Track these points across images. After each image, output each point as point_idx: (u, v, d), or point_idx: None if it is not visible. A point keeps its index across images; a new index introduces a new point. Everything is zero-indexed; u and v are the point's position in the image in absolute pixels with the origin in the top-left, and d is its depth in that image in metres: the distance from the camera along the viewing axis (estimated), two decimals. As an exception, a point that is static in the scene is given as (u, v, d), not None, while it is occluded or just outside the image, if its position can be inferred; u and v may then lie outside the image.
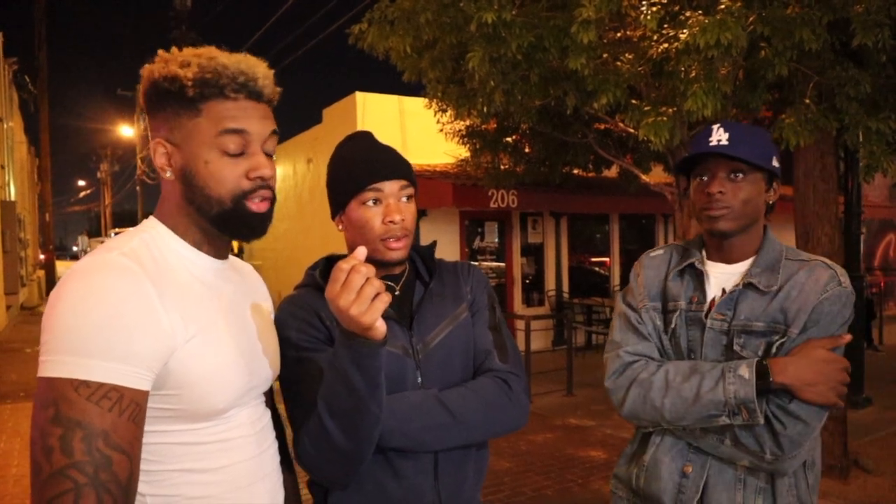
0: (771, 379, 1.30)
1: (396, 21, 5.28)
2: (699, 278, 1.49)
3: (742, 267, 1.46)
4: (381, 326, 1.01)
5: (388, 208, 1.27)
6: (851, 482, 4.23)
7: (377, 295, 0.98)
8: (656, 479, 1.45)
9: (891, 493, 4.08)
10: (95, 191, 45.22)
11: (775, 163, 1.45)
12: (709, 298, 1.47)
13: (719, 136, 1.41)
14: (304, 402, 1.19)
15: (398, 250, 1.29)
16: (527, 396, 1.34)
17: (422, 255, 1.42)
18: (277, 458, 1.18)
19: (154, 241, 1.03)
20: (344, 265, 0.99)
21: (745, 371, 1.32)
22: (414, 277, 1.39)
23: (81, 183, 49.80)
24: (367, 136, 1.37)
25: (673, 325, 1.48)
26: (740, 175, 1.41)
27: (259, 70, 1.03)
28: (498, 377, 1.31)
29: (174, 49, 1.04)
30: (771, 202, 1.47)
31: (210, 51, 1.03)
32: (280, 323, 1.27)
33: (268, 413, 1.19)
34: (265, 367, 1.14)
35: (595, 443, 5.20)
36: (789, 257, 1.45)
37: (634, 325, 1.51)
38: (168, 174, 1.03)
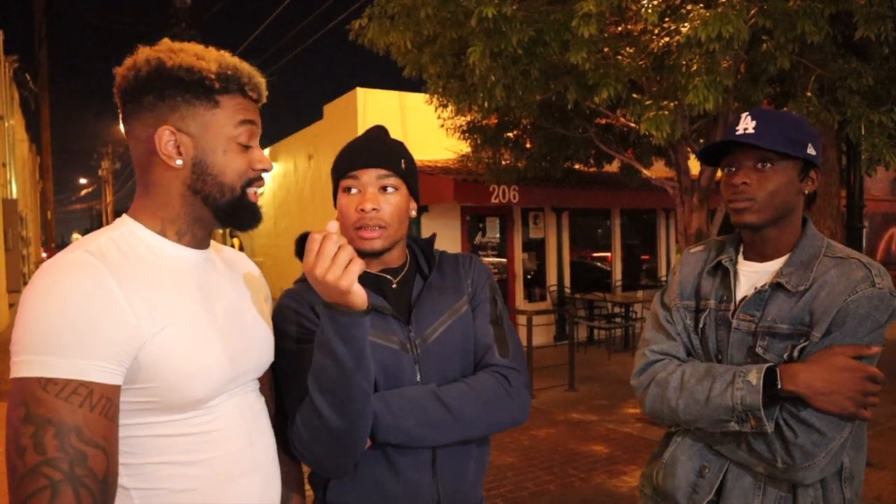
0: (779, 386, 1.23)
1: (397, 16, 5.27)
2: (727, 277, 1.43)
3: (775, 265, 1.38)
4: (359, 292, 1.05)
5: (362, 196, 1.27)
6: (854, 476, 4.22)
7: (352, 260, 1.03)
8: (672, 477, 1.42)
9: (894, 488, 4.09)
10: (97, 188, 45.28)
11: (811, 150, 1.35)
12: (737, 298, 1.40)
13: (746, 125, 1.34)
14: (298, 392, 1.19)
15: (369, 241, 1.27)
16: (528, 391, 1.32)
17: (422, 248, 1.41)
18: (273, 449, 1.16)
19: (124, 237, 1.03)
20: (316, 235, 1.04)
21: (754, 377, 1.25)
22: (414, 271, 1.38)
23: (83, 181, 49.79)
24: (374, 129, 1.38)
25: (702, 325, 1.43)
26: (768, 165, 1.34)
27: (260, 76, 1.10)
28: (497, 372, 1.29)
29: (166, 39, 1.06)
30: (807, 192, 1.39)
31: (219, 51, 1.07)
32: (277, 316, 1.28)
33: (261, 401, 1.17)
34: (254, 355, 1.13)
35: (597, 438, 5.21)
36: (828, 254, 1.34)
37: (663, 324, 1.48)
38: (178, 162, 1.03)
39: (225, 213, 1.07)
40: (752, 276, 1.41)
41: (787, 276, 1.34)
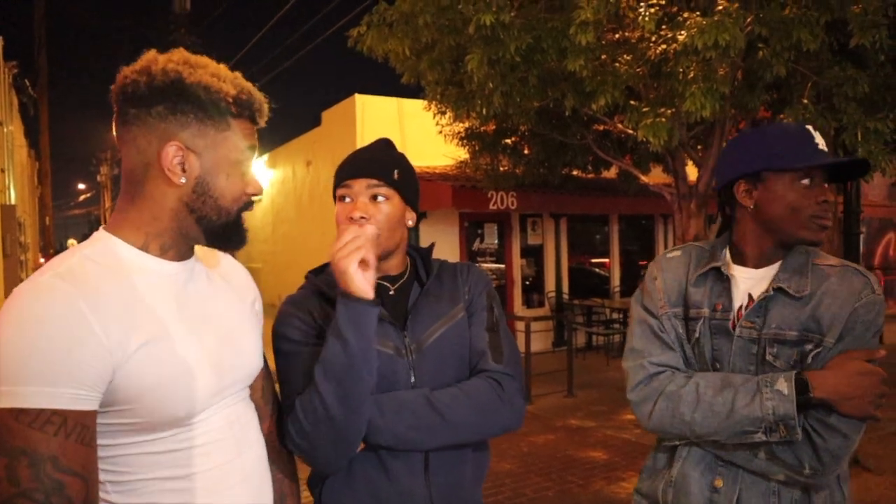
0: (811, 394, 1.24)
1: (395, 24, 5.29)
2: (724, 283, 1.40)
3: (770, 271, 1.38)
4: (358, 280, 1.16)
5: (353, 205, 1.32)
6: (852, 481, 4.22)
7: (360, 248, 1.16)
8: (685, 495, 1.38)
9: (891, 492, 4.09)
10: (95, 194, 45.21)
11: None
12: (735, 305, 1.39)
13: (820, 142, 1.34)
14: (294, 390, 1.24)
15: None
16: (521, 398, 1.34)
17: (422, 257, 1.45)
18: (263, 457, 1.16)
19: (100, 254, 1.00)
20: (349, 227, 1.21)
21: (784, 386, 1.24)
22: (413, 279, 1.41)
23: (81, 186, 49.66)
24: (377, 141, 1.43)
25: (697, 335, 1.39)
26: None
27: (265, 101, 1.10)
28: (491, 378, 1.31)
29: (182, 49, 1.05)
30: None
31: (234, 73, 1.07)
32: (278, 320, 1.33)
33: (251, 409, 1.17)
34: (241, 365, 1.12)
35: (596, 444, 5.20)
36: (816, 262, 1.37)
37: (657, 334, 1.42)
38: (182, 180, 1.01)
39: (216, 234, 1.07)
40: (747, 282, 1.40)
41: (786, 282, 1.34)
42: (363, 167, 1.34)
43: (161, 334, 0.98)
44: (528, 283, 9.90)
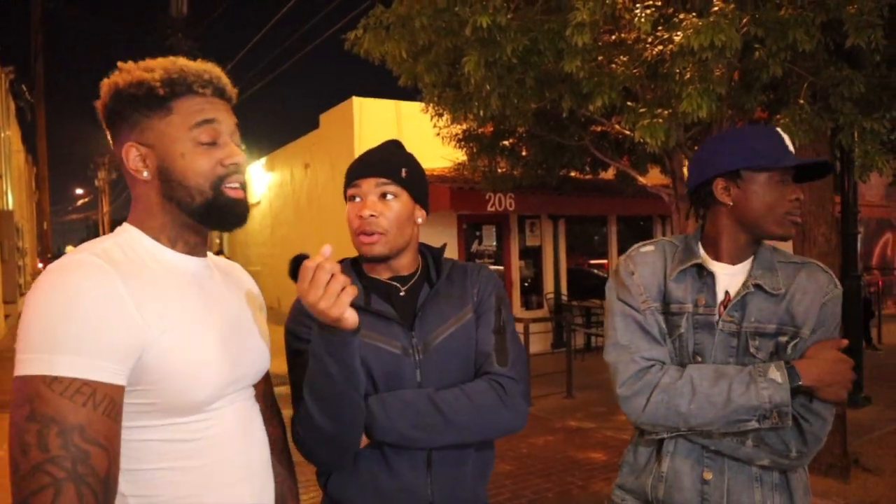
0: (801, 382, 1.31)
1: (392, 26, 5.29)
2: (705, 279, 1.44)
3: (744, 268, 1.44)
4: (350, 317, 1.09)
5: (362, 203, 1.35)
6: (851, 482, 4.23)
7: (343, 289, 1.06)
8: (679, 490, 1.40)
9: (891, 493, 4.09)
10: (93, 199, 45.18)
11: None
12: (718, 300, 1.43)
13: (789, 143, 1.41)
14: (301, 390, 1.26)
15: (369, 245, 1.34)
16: (524, 400, 1.35)
17: (433, 256, 1.48)
18: (267, 456, 1.18)
19: (127, 242, 1.05)
20: (310, 264, 1.07)
21: (777, 375, 1.31)
22: (423, 279, 1.43)
23: (79, 191, 49.67)
24: (386, 142, 1.47)
25: (682, 329, 1.42)
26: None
27: (218, 70, 1.11)
28: (493, 380, 1.33)
29: (129, 61, 1.09)
30: None
31: (168, 58, 1.09)
32: (290, 318, 1.37)
33: (256, 408, 1.19)
34: (252, 359, 1.15)
35: (595, 445, 5.20)
36: (780, 259, 1.45)
37: (644, 328, 1.44)
38: (145, 174, 1.06)
39: (202, 215, 1.08)
40: (725, 278, 1.45)
41: (762, 279, 1.42)
42: (372, 166, 1.37)
43: (185, 320, 1.01)
44: (526, 284, 9.91)
